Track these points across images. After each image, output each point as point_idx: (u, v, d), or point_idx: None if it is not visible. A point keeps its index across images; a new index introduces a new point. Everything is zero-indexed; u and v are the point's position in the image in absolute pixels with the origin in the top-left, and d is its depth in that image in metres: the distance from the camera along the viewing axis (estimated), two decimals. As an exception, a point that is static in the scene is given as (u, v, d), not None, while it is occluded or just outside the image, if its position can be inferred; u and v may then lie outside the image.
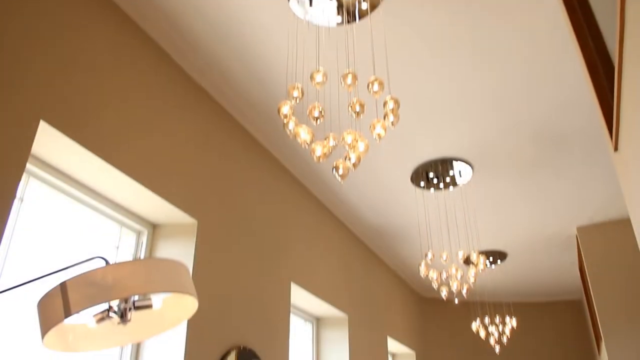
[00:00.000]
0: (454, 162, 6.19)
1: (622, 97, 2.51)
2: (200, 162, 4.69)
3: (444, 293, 6.36)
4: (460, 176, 6.46)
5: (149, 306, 1.39)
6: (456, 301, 6.69)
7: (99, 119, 3.53)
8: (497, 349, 9.53)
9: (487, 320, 9.44)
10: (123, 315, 1.33)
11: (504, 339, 9.51)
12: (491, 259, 9.40)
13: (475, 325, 9.21)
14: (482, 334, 9.29)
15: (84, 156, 3.45)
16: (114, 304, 1.33)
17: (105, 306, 1.35)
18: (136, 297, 1.36)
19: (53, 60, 3.19)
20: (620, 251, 8.09)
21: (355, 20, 4.03)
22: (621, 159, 3.07)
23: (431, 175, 6.45)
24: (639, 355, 7.52)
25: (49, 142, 3.26)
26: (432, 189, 6.75)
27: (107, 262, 1.28)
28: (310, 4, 3.96)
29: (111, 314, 1.34)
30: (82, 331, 1.52)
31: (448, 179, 6.51)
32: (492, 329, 9.42)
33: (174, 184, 4.29)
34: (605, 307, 7.91)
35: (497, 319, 9.47)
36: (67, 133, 3.22)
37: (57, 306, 1.26)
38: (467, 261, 7.95)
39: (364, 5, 3.89)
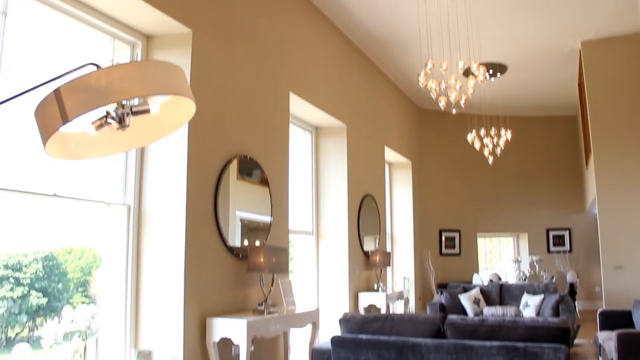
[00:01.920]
0: (461, -33, 5.81)
1: None
2: (191, -34, 4.41)
3: (442, 103, 6.36)
4: (466, -18, 6.11)
5: (147, 111, 1.36)
6: (454, 111, 6.74)
7: None
8: (490, 160, 9.82)
9: (482, 132, 9.61)
10: (121, 121, 1.32)
11: (498, 151, 9.76)
12: (491, 71, 9.29)
13: (470, 136, 9.39)
14: (477, 145, 9.51)
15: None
16: (111, 109, 1.31)
17: (102, 112, 1.33)
18: (134, 102, 1.34)
19: None
20: (622, 67, 7.98)
21: None
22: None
23: (436, -19, 6.09)
24: (624, 168, 7.79)
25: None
26: (435, -4, 6.43)
27: (98, 67, 1.24)
28: None
29: (109, 120, 1.32)
30: (83, 139, 1.52)
31: (453, -14, 6.17)
32: (487, 140, 9.61)
33: (164, -10, 4.07)
34: (598, 122, 8.01)
35: (493, 132, 9.63)
36: None
37: (53, 113, 1.24)
38: (467, 73, 7.86)
39: None
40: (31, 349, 3.56)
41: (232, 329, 4.22)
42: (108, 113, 1.32)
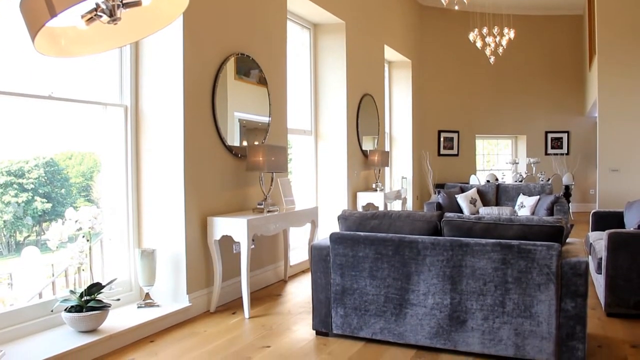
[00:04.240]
0: None
1: None
2: None
3: None
4: None
5: (138, 3, 1.30)
6: (456, 8, 6.53)
7: None
8: (492, 59, 9.64)
9: (485, 30, 9.36)
10: (112, 14, 1.26)
11: (500, 50, 9.56)
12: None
13: (472, 35, 9.16)
14: (479, 44, 9.30)
15: None
16: (101, 1, 1.25)
17: (92, 5, 1.26)
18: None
19: None
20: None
21: None
22: None
23: None
24: (628, 71, 7.67)
25: None
26: None
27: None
28: None
29: (99, 13, 1.26)
30: (74, 34, 1.46)
31: None
32: (489, 40, 9.40)
33: None
34: (606, 22, 7.78)
35: (495, 30, 9.39)
36: None
37: (39, 6, 1.19)
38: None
39: None
40: (39, 252, 3.65)
41: (232, 227, 4.30)
42: (98, 6, 1.26)
